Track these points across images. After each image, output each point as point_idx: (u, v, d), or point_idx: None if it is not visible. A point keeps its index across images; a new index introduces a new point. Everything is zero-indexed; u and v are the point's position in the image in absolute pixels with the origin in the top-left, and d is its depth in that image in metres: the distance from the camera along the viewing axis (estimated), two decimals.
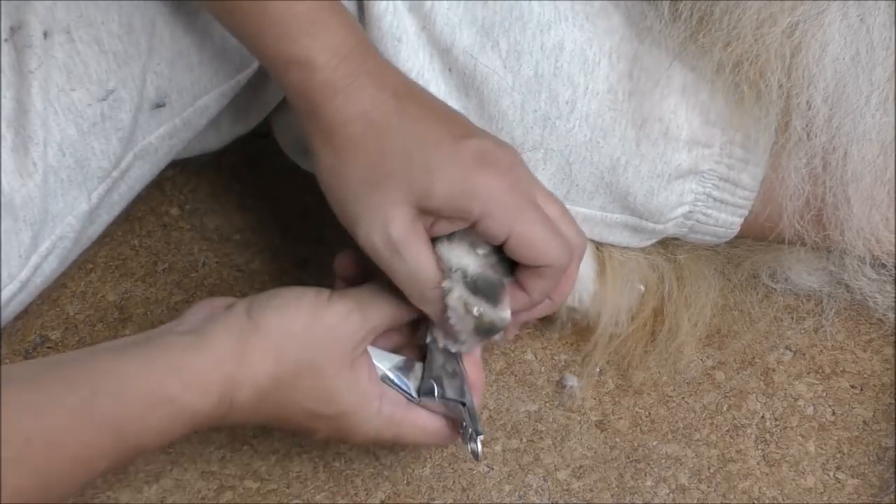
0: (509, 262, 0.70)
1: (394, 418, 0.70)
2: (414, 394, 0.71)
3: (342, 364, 0.68)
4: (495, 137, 0.71)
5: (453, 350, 0.72)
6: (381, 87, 0.67)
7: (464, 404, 0.71)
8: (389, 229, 0.66)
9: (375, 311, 0.70)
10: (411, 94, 0.69)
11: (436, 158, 0.66)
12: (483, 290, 0.68)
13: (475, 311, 0.68)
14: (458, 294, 0.68)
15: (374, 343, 0.71)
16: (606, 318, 0.83)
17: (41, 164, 0.71)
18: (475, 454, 0.70)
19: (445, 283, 0.68)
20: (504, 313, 0.69)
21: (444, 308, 0.68)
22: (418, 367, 0.72)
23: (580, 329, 0.86)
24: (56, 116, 0.71)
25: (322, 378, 0.68)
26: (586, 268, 0.82)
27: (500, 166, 0.67)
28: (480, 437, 0.70)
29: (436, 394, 0.71)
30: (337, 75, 0.67)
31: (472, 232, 0.68)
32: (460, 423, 0.71)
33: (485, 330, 0.69)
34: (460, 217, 0.67)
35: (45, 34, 0.71)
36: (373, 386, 0.70)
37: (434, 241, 0.68)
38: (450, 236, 0.69)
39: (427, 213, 0.67)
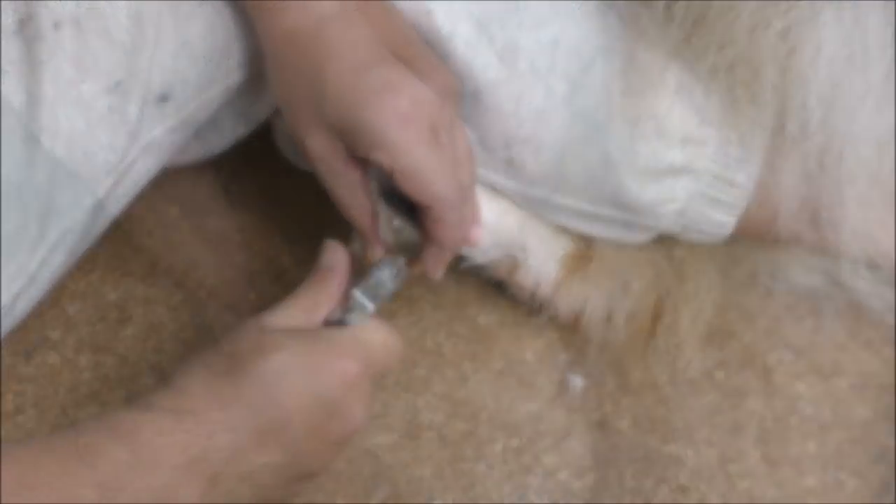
0: None
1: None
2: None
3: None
4: (418, 66, 0.70)
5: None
6: (304, 10, 0.69)
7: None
8: (307, 144, 0.71)
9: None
10: (341, 16, 0.70)
11: (332, 90, 0.68)
12: (394, 202, 0.72)
13: (395, 223, 0.73)
14: (381, 210, 0.73)
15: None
16: (592, 314, 0.84)
17: (50, 156, 0.71)
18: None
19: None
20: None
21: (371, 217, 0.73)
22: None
23: (572, 326, 0.87)
24: (66, 108, 0.71)
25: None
26: (546, 251, 0.83)
27: (399, 100, 0.68)
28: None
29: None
30: None
31: None
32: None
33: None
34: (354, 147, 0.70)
35: (55, 25, 0.71)
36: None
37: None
38: None
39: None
